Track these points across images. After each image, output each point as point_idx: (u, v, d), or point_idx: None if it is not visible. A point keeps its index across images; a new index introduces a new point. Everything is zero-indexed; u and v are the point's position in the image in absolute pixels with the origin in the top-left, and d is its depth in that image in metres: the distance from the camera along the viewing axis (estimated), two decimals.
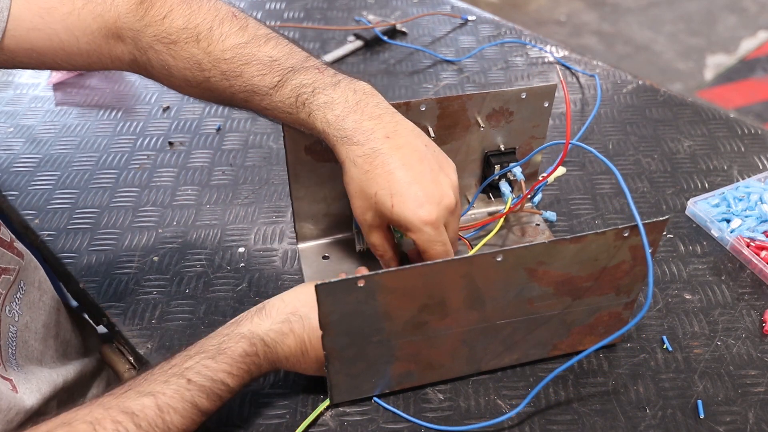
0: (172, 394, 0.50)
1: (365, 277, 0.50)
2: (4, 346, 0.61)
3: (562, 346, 0.63)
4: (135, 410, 0.49)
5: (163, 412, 0.49)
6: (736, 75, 2.70)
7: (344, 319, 0.52)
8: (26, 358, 0.65)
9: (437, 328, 0.56)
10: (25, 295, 0.66)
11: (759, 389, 0.61)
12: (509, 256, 0.52)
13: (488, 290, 0.54)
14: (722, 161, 0.88)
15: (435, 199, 0.57)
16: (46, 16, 0.58)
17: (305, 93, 0.58)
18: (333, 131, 0.58)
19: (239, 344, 0.53)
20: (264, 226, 0.79)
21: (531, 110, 0.71)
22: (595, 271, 0.56)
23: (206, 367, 0.52)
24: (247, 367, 0.54)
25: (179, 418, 0.50)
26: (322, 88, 0.58)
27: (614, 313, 0.61)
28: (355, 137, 0.57)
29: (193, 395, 0.51)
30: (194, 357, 0.53)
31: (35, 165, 0.89)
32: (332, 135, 0.58)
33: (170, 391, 0.50)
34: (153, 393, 0.50)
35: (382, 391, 0.60)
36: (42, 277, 0.70)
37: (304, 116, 0.59)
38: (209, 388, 0.52)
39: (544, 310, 0.58)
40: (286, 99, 0.59)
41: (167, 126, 0.96)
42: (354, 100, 0.58)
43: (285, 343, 0.55)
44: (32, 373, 0.64)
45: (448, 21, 1.21)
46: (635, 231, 0.53)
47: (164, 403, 0.50)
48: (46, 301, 0.69)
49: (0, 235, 0.63)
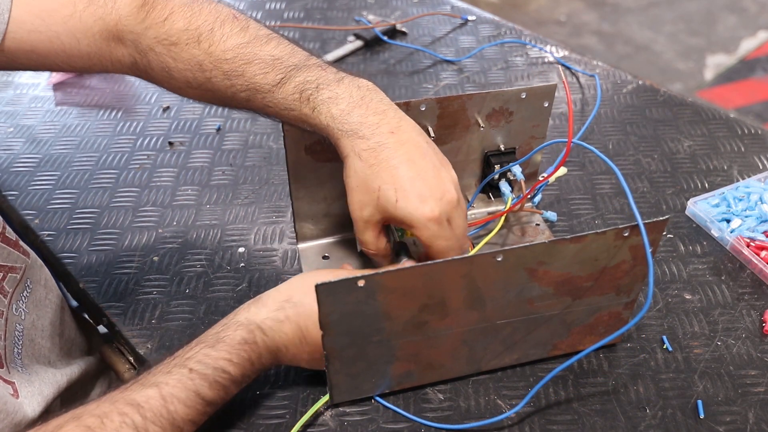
0: (174, 384, 0.51)
1: (365, 277, 0.50)
2: (9, 346, 0.62)
3: (562, 346, 0.63)
4: (140, 402, 0.50)
5: (167, 401, 0.50)
6: (736, 75, 2.70)
7: (344, 319, 0.52)
8: (31, 358, 0.65)
9: (437, 328, 0.56)
10: (31, 293, 0.66)
11: (759, 389, 0.61)
12: (509, 256, 0.52)
13: (488, 290, 0.54)
14: (722, 161, 0.88)
15: (437, 194, 0.57)
16: (47, 19, 0.58)
17: (309, 89, 0.58)
18: (338, 125, 0.58)
19: (237, 332, 0.54)
20: (264, 226, 0.79)
21: (531, 110, 0.71)
22: (595, 271, 0.56)
23: (206, 356, 0.53)
24: (247, 355, 0.54)
25: (183, 407, 0.51)
26: (326, 84, 0.59)
27: (614, 313, 0.61)
28: (360, 131, 0.57)
29: (196, 384, 0.52)
30: (194, 347, 0.54)
31: (35, 165, 0.89)
32: (337, 129, 0.58)
33: (173, 381, 0.51)
34: (156, 384, 0.51)
35: (382, 391, 0.60)
36: (47, 275, 0.70)
37: (307, 111, 0.59)
38: (211, 377, 0.52)
39: (544, 310, 0.58)
40: (289, 96, 0.59)
41: (167, 126, 0.96)
42: (358, 95, 0.59)
43: (282, 331, 0.55)
44: (36, 374, 0.64)
45: (448, 21, 1.21)
46: (635, 231, 0.53)
47: (168, 393, 0.51)
48: (52, 299, 0.70)
49: (6, 234, 0.63)
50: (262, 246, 0.76)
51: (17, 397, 0.60)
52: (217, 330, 0.55)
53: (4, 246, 0.62)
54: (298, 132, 0.64)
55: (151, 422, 0.49)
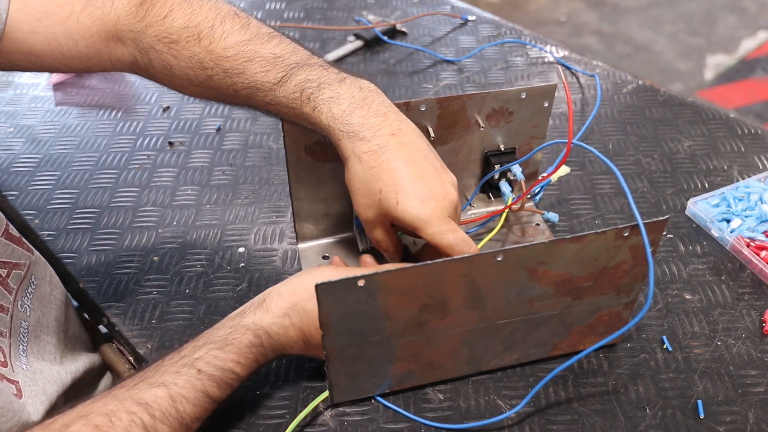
0: (183, 384, 0.52)
1: (365, 277, 0.50)
2: (14, 343, 0.62)
3: (563, 346, 0.63)
4: (148, 401, 0.50)
5: (176, 402, 0.51)
6: (736, 75, 2.70)
7: (344, 318, 0.52)
8: (37, 355, 0.65)
9: (437, 328, 0.56)
10: (36, 289, 0.66)
11: (759, 389, 0.61)
12: (510, 256, 0.52)
13: (488, 290, 0.54)
14: (722, 161, 0.88)
15: (439, 195, 0.57)
16: (44, 20, 0.58)
17: (310, 88, 0.58)
18: (339, 126, 0.58)
19: (245, 336, 0.55)
20: (264, 226, 0.79)
21: (531, 110, 0.71)
22: (595, 271, 0.56)
23: (215, 357, 0.53)
24: (254, 357, 0.55)
25: (192, 407, 0.52)
26: (328, 84, 0.59)
27: (614, 313, 0.61)
28: (361, 133, 0.57)
29: (204, 384, 0.52)
30: (203, 348, 0.54)
31: (35, 165, 0.89)
32: (337, 130, 0.58)
33: (182, 381, 0.52)
34: (165, 384, 0.51)
35: (382, 391, 0.60)
36: (51, 272, 0.70)
37: (308, 110, 0.59)
38: (219, 378, 0.53)
39: (545, 310, 0.58)
40: (290, 94, 0.59)
41: (167, 126, 0.96)
42: (360, 96, 0.59)
43: (287, 335, 0.56)
44: (40, 372, 0.64)
45: (448, 21, 1.21)
46: (635, 231, 0.53)
47: (176, 393, 0.51)
48: (56, 296, 0.70)
49: (9, 231, 0.63)
50: (262, 246, 0.76)
51: (20, 397, 0.60)
52: (225, 332, 0.55)
53: (8, 243, 0.62)
54: (298, 132, 0.63)
55: (160, 421, 0.50)
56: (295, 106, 0.59)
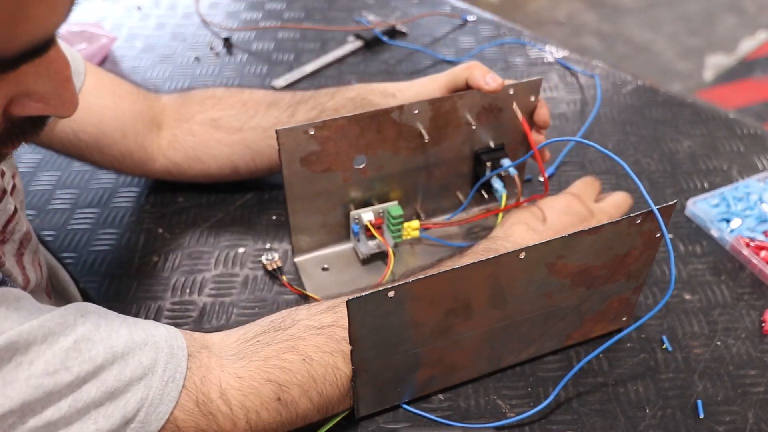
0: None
1: (395, 288, 0.49)
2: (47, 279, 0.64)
3: (576, 336, 0.63)
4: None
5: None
6: (736, 75, 2.70)
7: (373, 331, 0.51)
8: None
9: (461, 331, 0.56)
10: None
11: (759, 389, 0.61)
12: (531, 253, 0.53)
13: (510, 288, 0.55)
14: (722, 161, 0.88)
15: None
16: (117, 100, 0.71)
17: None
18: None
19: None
20: (264, 226, 0.79)
21: (519, 105, 0.71)
22: (608, 260, 0.57)
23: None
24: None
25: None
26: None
27: (624, 298, 0.62)
28: None
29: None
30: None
31: (35, 165, 0.89)
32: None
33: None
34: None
35: (406, 400, 0.60)
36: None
37: None
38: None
39: (561, 302, 0.59)
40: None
41: None
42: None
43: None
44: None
45: (448, 21, 1.21)
46: (646, 218, 0.55)
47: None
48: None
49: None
50: (262, 246, 0.76)
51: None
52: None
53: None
54: (293, 144, 0.64)
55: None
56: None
